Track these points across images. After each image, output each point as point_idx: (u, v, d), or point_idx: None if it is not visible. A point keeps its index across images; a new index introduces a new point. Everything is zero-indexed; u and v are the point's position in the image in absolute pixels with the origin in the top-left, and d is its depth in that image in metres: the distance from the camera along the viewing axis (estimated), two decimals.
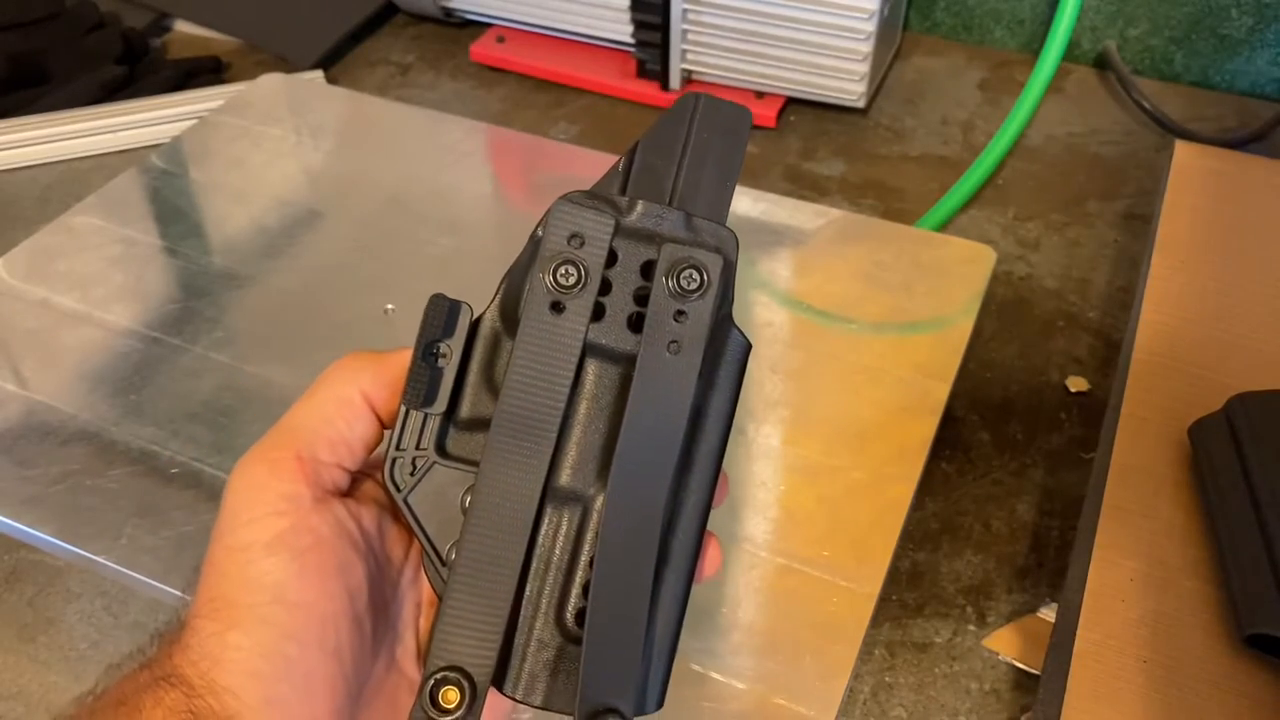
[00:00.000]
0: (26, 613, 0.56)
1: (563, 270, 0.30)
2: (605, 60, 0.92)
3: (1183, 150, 0.71)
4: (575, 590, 0.31)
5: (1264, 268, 0.63)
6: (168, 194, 0.76)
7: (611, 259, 0.31)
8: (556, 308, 0.30)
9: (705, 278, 0.31)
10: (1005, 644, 0.54)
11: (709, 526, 0.33)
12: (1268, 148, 0.80)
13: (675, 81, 0.88)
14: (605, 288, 0.31)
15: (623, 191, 0.33)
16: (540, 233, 0.31)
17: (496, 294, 0.33)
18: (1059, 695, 0.45)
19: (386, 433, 0.33)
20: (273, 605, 0.29)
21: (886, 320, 0.65)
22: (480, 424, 0.32)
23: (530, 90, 0.93)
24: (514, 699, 0.31)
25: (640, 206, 0.32)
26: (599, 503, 0.31)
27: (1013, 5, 0.93)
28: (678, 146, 0.33)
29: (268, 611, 0.29)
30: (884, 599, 0.54)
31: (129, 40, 0.94)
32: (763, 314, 0.65)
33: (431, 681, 0.29)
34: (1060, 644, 0.49)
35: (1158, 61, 0.91)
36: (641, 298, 0.31)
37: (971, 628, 0.54)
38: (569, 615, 0.31)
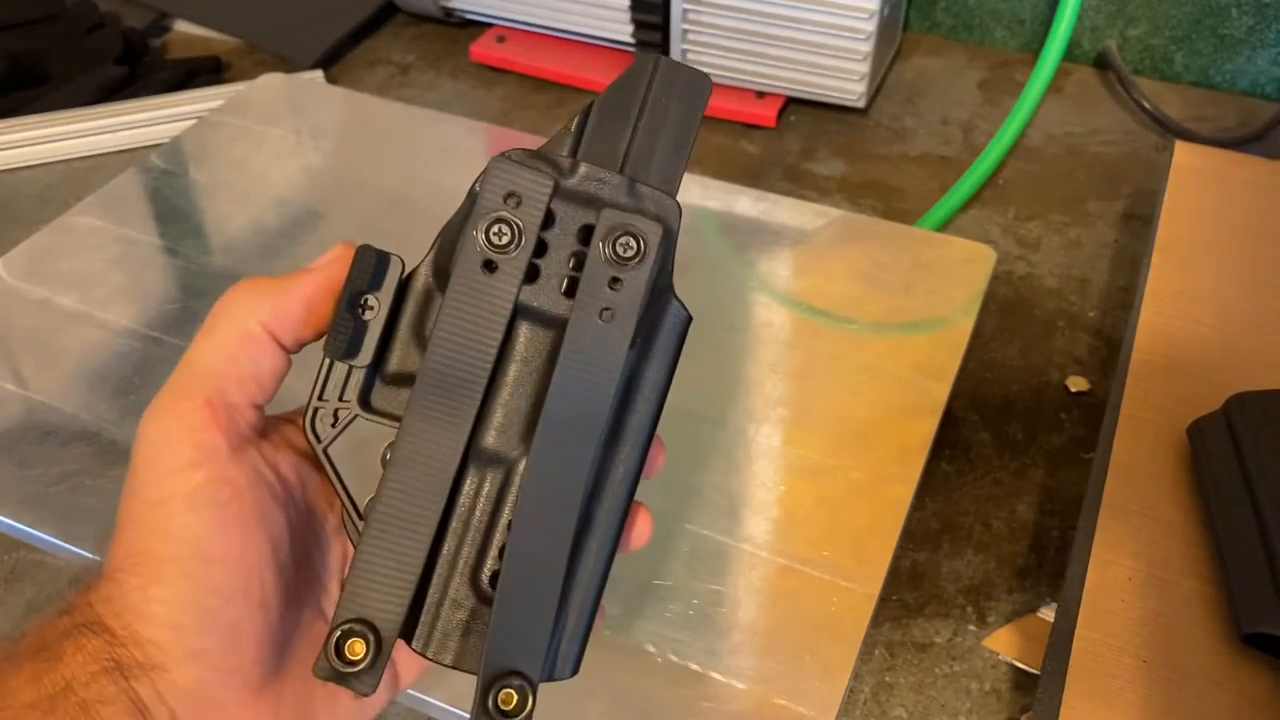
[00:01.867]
0: (26, 614, 0.56)
1: (496, 229, 0.30)
2: (605, 60, 0.92)
3: (1183, 150, 0.71)
4: (493, 552, 0.31)
5: (1263, 268, 0.63)
6: (167, 194, 0.76)
7: (549, 221, 0.30)
8: (489, 266, 0.30)
9: (643, 245, 0.30)
10: (1005, 644, 0.54)
11: (651, 503, 0.33)
12: (1268, 148, 0.80)
13: None
14: (541, 250, 0.30)
15: (573, 153, 0.32)
16: (478, 188, 0.30)
17: (431, 249, 0.32)
18: (1058, 695, 0.45)
19: (305, 373, 0.32)
20: (194, 560, 0.29)
21: (886, 320, 0.65)
22: (407, 379, 0.32)
23: (530, 90, 0.93)
24: (424, 655, 0.31)
25: (583, 169, 0.31)
26: (522, 466, 0.31)
27: (1013, 5, 0.93)
28: (633, 110, 0.32)
29: (189, 566, 0.29)
30: (884, 599, 0.54)
31: (129, 40, 0.94)
32: (763, 314, 0.65)
33: (338, 633, 0.29)
34: (1059, 644, 0.49)
35: (1158, 61, 0.91)
36: (578, 262, 0.30)
37: (972, 628, 0.54)
38: (484, 577, 0.31)
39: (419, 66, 0.96)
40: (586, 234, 0.31)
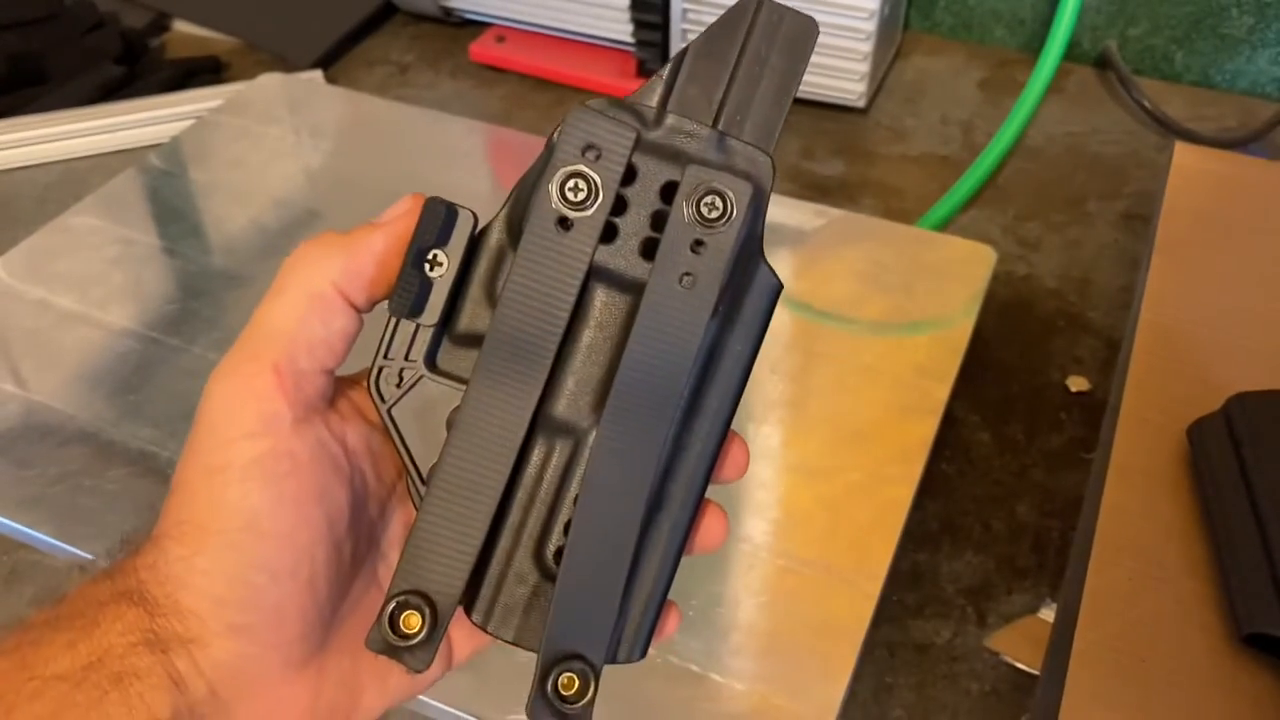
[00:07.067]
0: (26, 613, 0.56)
1: (572, 184, 0.28)
2: (605, 60, 0.92)
3: (1182, 151, 0.71)
4: (558, 527, 0.30)
5: (1264, 268, 0.63)
6: (166, 194, 0.76)
7: (630, 176, 0.28)
8: (563, 224, 0.28)
9: (729, 206, 0.28)
10: (1005, 644, 0.54)
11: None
12: (1268, 147, 0.80)
13: None
14: (620, 207, 0.28)
15: (663, 103, 0.30)
16: (554, 139, 0.28)
17: (505, 204, 0.30)
18: (1058, 695, 0.45)
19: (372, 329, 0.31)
20: (244, 533, 0.28)
21: (886, 320, 0.65)
22: (476, 340, 0.30)
23: (530, 90, 0.93)
24: (484, 629, 0.30)
25: (670, 120, 0.29)
26: (592, 437, 0.29)
27: (1013, 5, 0.93)
28: (731, 57, 0.30)
29: (238, 539, 0.28)
30: (884, 599, 0.54)
31: (128, 40, 0.94)
32: None
33: (393, 605, 0.28)
34: (1059, 644, 0.49)
35: (1158, 61, 0.91)
36: (659, 222, 0.28)
37: (972, 628, 0.54)
38: (549, 552, 0.30)
39: (418, 66, 0.96)
40: (670, 192, 0.28)
